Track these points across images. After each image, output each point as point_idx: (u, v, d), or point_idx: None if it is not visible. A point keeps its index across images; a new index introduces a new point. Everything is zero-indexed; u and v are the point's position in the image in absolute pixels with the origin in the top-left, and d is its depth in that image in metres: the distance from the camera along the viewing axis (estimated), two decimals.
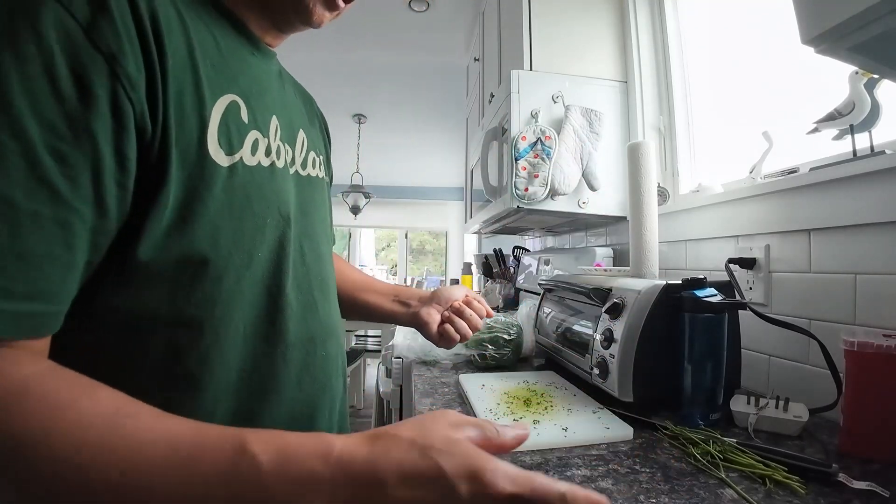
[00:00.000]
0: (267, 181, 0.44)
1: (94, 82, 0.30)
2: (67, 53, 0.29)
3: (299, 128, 0.54)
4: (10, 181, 0.26)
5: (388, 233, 10.61)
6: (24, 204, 0.27)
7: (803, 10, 0.46)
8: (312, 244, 0.52)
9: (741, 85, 1.21)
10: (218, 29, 0.44)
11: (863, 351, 0.60)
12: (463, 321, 0.70)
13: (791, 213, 0.85)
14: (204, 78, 0.38)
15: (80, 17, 0.30)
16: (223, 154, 0.40)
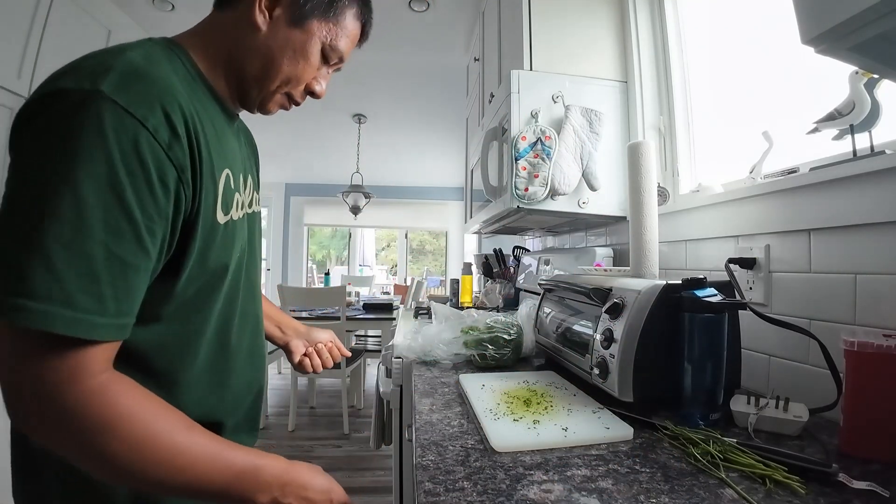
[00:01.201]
0: (240, 229, 0.60)
1: (170, 186, 0.45)
2: (156, 168, 0.44)
3: (248, 173, 0.66)
4: (125, 248, 0.42)
5: (388, 233, 10.61)
6: (131, 260, 0.43)
7: (803, 10, 0.46)
8: (255, 263, 0.69)
9: (741, 85, 1.21)
10: (211, 112, 0.56)
11: (863, 351, 0.60)
12: (318, 359, 0.89)
13: (791, 213, 0.85)
14: (214, 162, 0.52)
15: (162, 141, 0.44)
16: (222, 214, 0.54)
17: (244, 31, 0.58)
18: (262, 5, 0.56)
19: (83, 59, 0.48)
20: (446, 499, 0.50)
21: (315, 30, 0.60)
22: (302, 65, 0.60)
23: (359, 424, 3.02)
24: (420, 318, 1.88)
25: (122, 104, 0.42)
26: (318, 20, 0.60)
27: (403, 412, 1.24)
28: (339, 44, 0.63)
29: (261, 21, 0.57)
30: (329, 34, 0.61)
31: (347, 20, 0.63)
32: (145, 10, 2.33)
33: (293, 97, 0.64)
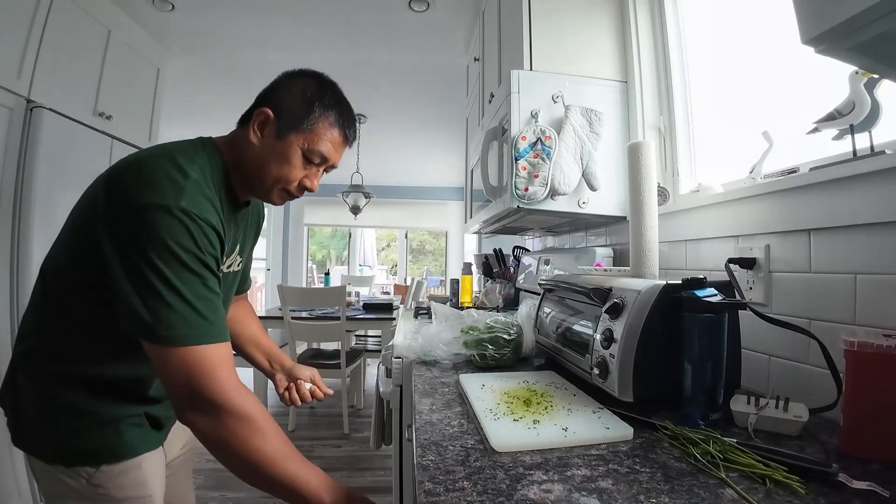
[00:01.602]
0: (228, 280, 0.87)
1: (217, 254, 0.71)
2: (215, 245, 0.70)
3: (245, 244, 0.92)
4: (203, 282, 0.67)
5: (388, 233, 10.61)
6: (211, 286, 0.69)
7: (803, 10, 0.46)
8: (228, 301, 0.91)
9: (741, 85, 1.21)
10: (228, 207, 0.79)
11: (863, 351, 0.60)
12: (296, 394, 1.05)
13: (791, 213, 0.85)
14: (226, 238, 0.75)
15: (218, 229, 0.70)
16: (223, 267, 0.79)
17: (246, 144, 0.78)
18: (255, 127, 0.77)
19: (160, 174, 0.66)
20: (446, 499, 0.50)
21: (293, 140, 0.77)
22: (287, 168, 0.78)
23: (359, 424, 3.02)
24: (420, 318, 1.87)
25: (195, 212, 0.66)
26: (295, 132, 0.77)
27: (403, 412, 1.24)
28: (318, 148, 0.79)
29: (254, 139, 0.77)
30: (306, 141, 0.78)
31: (321, 128, 0.79)
32: (145, 10, 2.33)
33: (290, 192, 0.82)
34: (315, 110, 0.78)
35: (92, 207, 0.68)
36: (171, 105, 3.25)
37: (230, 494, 2.03)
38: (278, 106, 0.77)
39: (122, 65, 2.33)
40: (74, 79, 2.04)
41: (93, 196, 0.70)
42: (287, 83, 0.80)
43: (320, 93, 0.79)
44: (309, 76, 0.82)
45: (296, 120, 0.77)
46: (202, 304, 0.65)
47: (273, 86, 0.81)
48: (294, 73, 0.82)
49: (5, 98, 1.72)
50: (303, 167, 0.80)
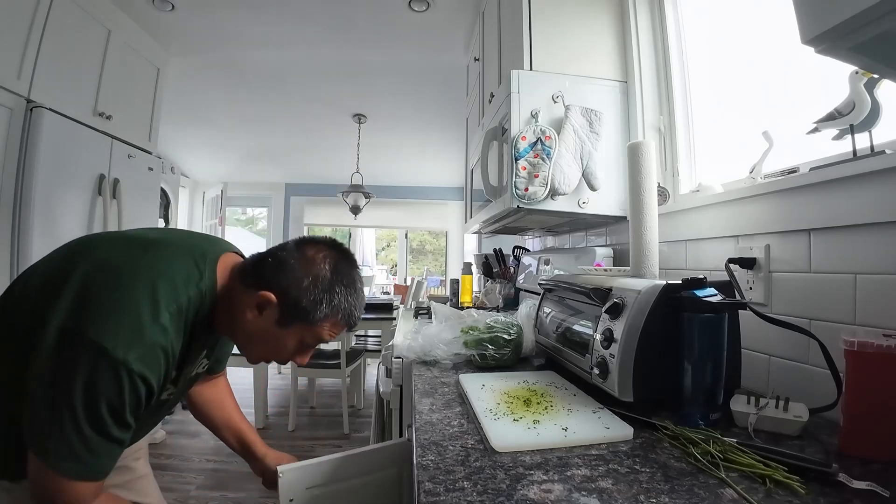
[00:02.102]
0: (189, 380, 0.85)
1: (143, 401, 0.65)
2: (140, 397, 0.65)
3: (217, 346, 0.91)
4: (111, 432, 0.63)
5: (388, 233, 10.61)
6: (116, 436, 0.64)
7: (803, 10, 0.46)
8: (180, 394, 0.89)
9: (741, 85, 1.21)
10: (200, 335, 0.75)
11: (863, 351, 0.60)
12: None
13: (791, 213, 0.85)
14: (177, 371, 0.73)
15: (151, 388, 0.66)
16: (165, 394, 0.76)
17: (243, 312, 0.74)
18: (254, 306, 0.73)
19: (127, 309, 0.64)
20: (446, 499, 0.50)
21: (295, 331, 0.75)
22: (280, 352, 0.78)
23: (359, 424, 3.02)
24: (420, 318, 1.87)
25: (137, 371, 0.62)
26: (299, 324, 0.75)
27: (403, 412, 1.24)
28: (318, 340, 0.78)
29: (251, 317, 0.74)
30: (307, 334, 0.76)
31: (328, 325, 0.77)
32: (145, 10, 2.33)
33: (269, 362, 0.84)
34: (324, 307, 0.74)
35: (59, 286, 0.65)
36: (171, 105, 3.25)
37: (230, 494, 2.03)
38: (286, 295, 0.72)
39: (122, 65, 2.33)
40: (74, 79, 2.04)
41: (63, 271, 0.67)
42: (299, 268, 0.74)
43: (333, 285, 0.75)
44: (326, 260, 0.76)
45: (302, 314, 0.73)
46: (98, 445, 0.63)
47: (282, 261, 0.74)
48: (310, 250, 0.76)
49: (5, 98, 1.72)
50: (296, 351, 0.79)
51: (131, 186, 2.35)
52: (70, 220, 1.99)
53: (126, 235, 0.77)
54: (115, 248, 0.72)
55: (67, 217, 1.98)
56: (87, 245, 0.74)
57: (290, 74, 3.14)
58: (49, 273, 0.69)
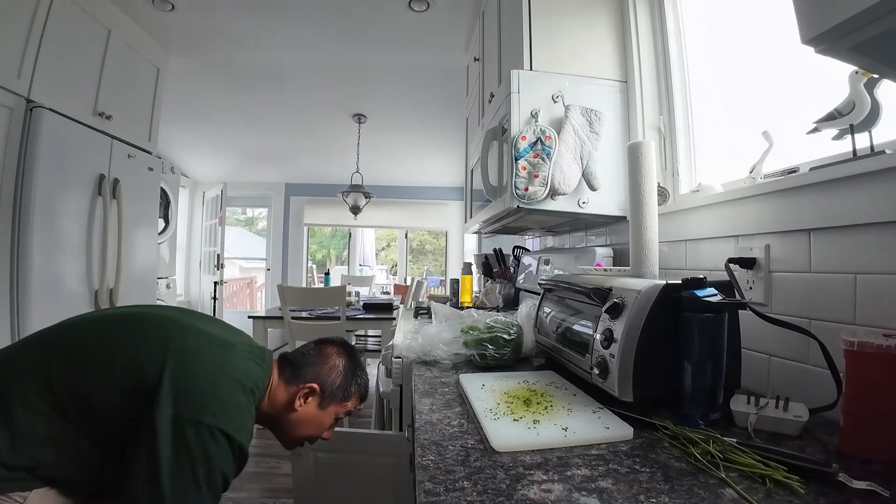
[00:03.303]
0: None
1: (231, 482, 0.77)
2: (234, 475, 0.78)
3: None
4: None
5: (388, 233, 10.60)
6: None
7: (803, 10, 0.46)
8: None
9: (741, 85, 1.21)
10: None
11: (863, 351, 0.60)
12: None
13: (791, 213, 0.85)
14: None
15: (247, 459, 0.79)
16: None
17: (289, 407, 0.92)
18: (301, 397, 0.92)
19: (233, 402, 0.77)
20: (446, 499, 0.50)
21: (332, 410, 0.97)
22: (319, 430, 0.98)
23: (359, 424, 3.02)
24: (420, 318, 1.88)
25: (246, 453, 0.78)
26: (335, 404, 0.97)
27: (403, 412, 1.24)
28: (342, 414, 0.99)
29: (298, 405, 0.92)
30: (340, 410, 0.98)
31: (353, 400, 1.00)
32: (145, 10, 2.33)
33: (308, 442, 1.01)
34: (352, 388, 0.99)
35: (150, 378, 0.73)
36: (171, 105, 3.25)
37: (230, 494, 2.03)
38: (323, 383, 0.95)
39: (122, 65, 2.33)
40: (74, 79, 2.04)
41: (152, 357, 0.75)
42: (327, 362, 0.98)
43: (353, 371, 1.00)
44: (343, 354, 1.01)
45: (336, 397, 0.96)
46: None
47: (312, 360, 0.97)
48: (329, 348, 1.01)
49: (5, 98, 1.72)
50: (329, 427, 0.99)
51: (131, 186, 2.35)
52: (70, 221, 2.00)
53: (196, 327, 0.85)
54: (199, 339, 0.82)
55: (67, 217, 1.98)
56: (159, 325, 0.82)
57: (290, 74, 3.14)
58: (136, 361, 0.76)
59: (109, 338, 0.79)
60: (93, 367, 0.75)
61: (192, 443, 0.70)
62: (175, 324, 0.84)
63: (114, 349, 0.77)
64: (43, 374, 0.73)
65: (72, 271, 2.00)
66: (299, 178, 5.52)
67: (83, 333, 0.80)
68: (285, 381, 0.93)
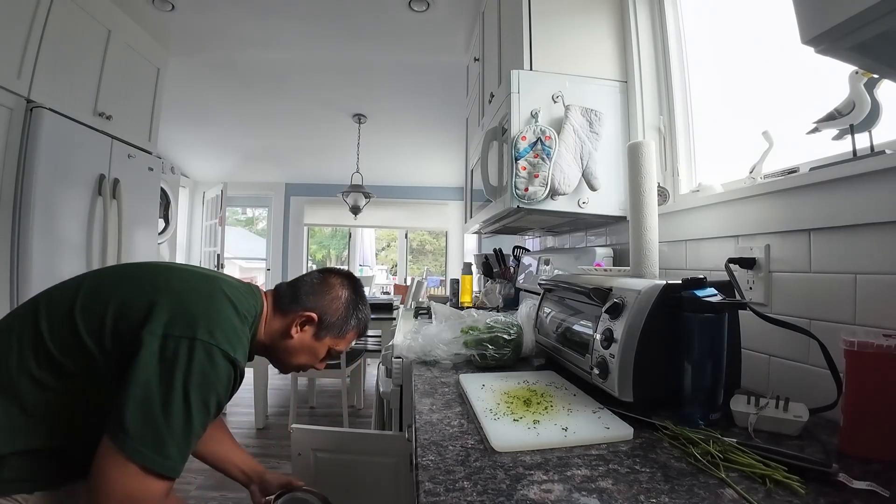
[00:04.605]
0: None
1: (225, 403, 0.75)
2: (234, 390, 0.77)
3: None
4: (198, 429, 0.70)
5: (388, 233, 10.60)
6: (200, 433, 0.70)
7: (803, 10, 0.46)
8: None
9: (741, 85, 1.21)
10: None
11: (863, 351, 0.60)
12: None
13: (791, 213, 0.85)
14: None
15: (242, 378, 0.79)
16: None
17: (284, 334, 0.91)
18: (297, 325, 0.91)
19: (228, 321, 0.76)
20: (446, 499, 0.50)
21: (327, 342, 0.95)
22: (312, 359, 0.96)
23: (359, 424, 3.02)
24: (420, 318, 1.88)
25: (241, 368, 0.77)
26: (331, 337, 0.95)
27: (403, 412, 1.24)
28: (340, 348, 0.98)
29: (294, 332, 0.91)
30: (334, 343, 0.96)
31: (350, 335, 0.98)
32: (145, 10, 2.33)
33: (302, 370, 0.99)
34: (350, 322, 0.96)
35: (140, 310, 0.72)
36: (171, 105, 3.25)
37: (230, 494, 2.03)
38: (322, 313, 0.92)
39: (122, 65, 2.33)
40: (74, 79, 2.04)
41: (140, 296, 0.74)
42: (330, 292, 0.95)
43: (355, 306, 0.97)
44: (347, 286, 0.98)
45: (334, 329, 0.94)
46: (193, 439, 0.69)
47: (315, 288, 0.95)
48: (334, 278, 0.98)
49: (5, 98, 1.72)
50: (323, 358, 0.98)
51: (131, 186, 2.35)
52: (70, 220, 2.00)
53: (182, 267, 0.87)
54: (185, 274, 0.83)
55: (67, 217, 1.98)
56: (153, 272, 0.82)
57: (290, 74, 3.14)
58: (127, 301, 0.74)
59: (104, 288, 0.77)
60: (86, 313, 0.73)
61: (183, 360, 0.67)
62: (160, 265, 0.86)
63: (108, 297, 0.75)
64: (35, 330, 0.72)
65: (72, 271, 2.00)
66: (299, 178, 5.52)
67: (67, 289, 0.78)
68: (283, 309, 0.92)
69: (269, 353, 0.93)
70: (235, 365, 0.73)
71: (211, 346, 0.70)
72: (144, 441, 0.64)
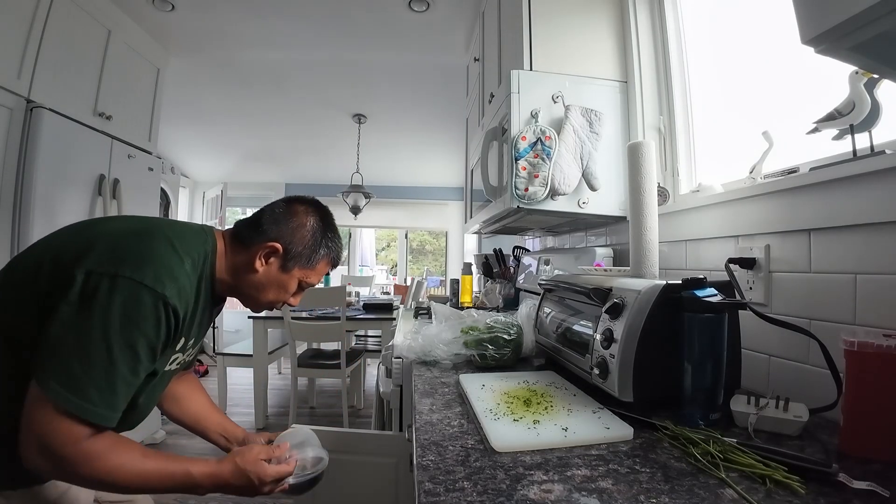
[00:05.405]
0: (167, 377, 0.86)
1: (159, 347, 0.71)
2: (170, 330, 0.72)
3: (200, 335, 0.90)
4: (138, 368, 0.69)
5: (388, 233, 10.60)
6: (139, 373, 0.70)
7: (803, 10, 0.46)
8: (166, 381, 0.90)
9: (741, 85, 1.21)
10: (204, 303, 0.82)
11: (863, 351, 0.60)
12: None
13: (791, 213, 0.85)
14: (189, 331, 0.81)
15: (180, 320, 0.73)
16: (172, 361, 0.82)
17: (248, 267, 0.85)
18: (261, 257, 0.85)
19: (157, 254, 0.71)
20: (446, 499, 0.50)
21: (296, 273, 0.89)
22: (282, 294, 0.90)
23: (359, 424, 3.02)
24: (420, 318, 1.88)
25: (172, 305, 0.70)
26: (300, 268, 0.89)
27: (403, 412, 1.24)
28: (314, 280, 0.92)
29: (259, 266, 0.85)
30: (305, 275, 0.90)
31: (321, 266, 0.92)
32: (145, 10, 2.33)
33: (275, 306, 0.94)
34: (320, 252, 0.90)
35: (75, 251, 0.68)
36: (171, 105, 3.25)
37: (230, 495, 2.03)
38: (287, 242, 0.86)
39: (122, 65, 2.34)
40: (74, 79, 2.04)
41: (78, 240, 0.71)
42: (294, 220, 0.88)
43: (323, 234, 0.91)
44: (313, 213, 0.91)
45: (302, 259, 0.88)
46: (119, 381, 0.66)
47: (277, 217, 0.87)
48: (299, 206, 0.90)
49: (5, 98, 1.72)
50: (295, 292, 0.92)
51: (131, 186, 2.35)
52: (70, 221, 1.97)
53: (131, 216, 0.85)
54: (128, 220, 0.80)
55: (67, 217, 1.98)
56: (97, 222, 0.79)
57: (290, 74, 3.14)
58: (64, 246, 0.71)
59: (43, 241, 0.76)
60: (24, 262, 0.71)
61: (103, 297, 0.63)
62: (95, 219, 0.82)
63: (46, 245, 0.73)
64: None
65: None
66: (299, 178, 5.52)
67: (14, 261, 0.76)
68: (244, 242, 0.85)
69: (236, 291, 0.87)
70: (165, 302, 0.67)
71: (135, 282, 0.65)
72: (61, 380, 0.61)
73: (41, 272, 0.68)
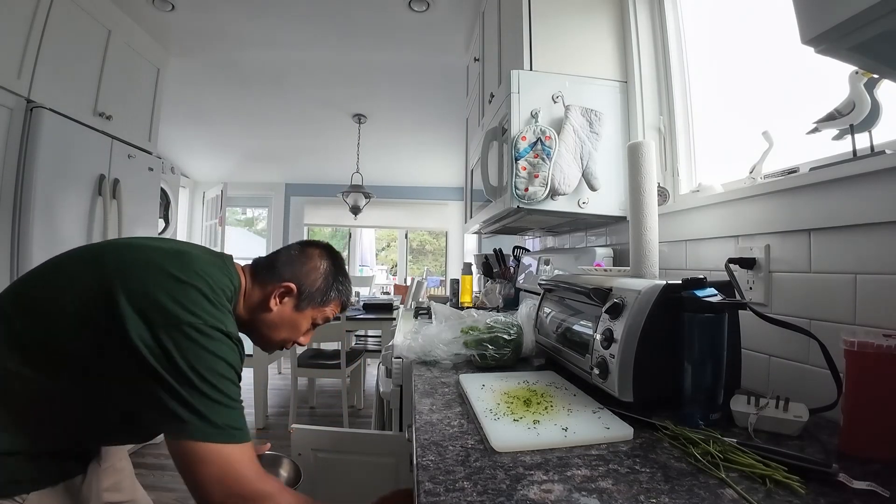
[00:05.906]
0: None
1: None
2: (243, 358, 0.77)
3: None
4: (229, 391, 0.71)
5: (388, 233, 10.59)
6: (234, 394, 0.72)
7: (803, 10, 0.46)
8: None
9: (741, 85, 1.21)
10: None
11: (863, 351, 0.60)
12: None
13: (791, 213, 0.85)
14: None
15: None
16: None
17: (263, 306, 0.88)
18: (276, 297, 0.88)
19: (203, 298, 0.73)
20: (446, 499, 0.50)
21: (309, 314, 0.92)
22: (294, 333, 0.93)
23: (359, 424, 3.02)
24: (420, 318, 1.88)
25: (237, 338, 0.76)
26: (312, 308, 0.92)
27: (403, 412, 1.24)
28: (324, 320, 0.96)
29: (273, 305, 0.88)
30: (317, 315, 0.94)
31: (333, 306, 0.96)
32: (145, 10, 2.33)
33: (285, 346, 0.96)
34: (331, 293, 0.94)
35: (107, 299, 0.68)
36: (171, 105, 3.25)
37: None
38: (301, 283, 0.90)
39: (122, 65, 2.34)
40: (74, 79, 2.05)
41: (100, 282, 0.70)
42: (308, 263, 0.92)
43: (335, 276, 0.94)
44: (326, 257, 0.95)
45: (314, 300, 0.92)
46: (241, 410, 0.71)
47: (293, 259, 0.92)
48: (313, 249, 0.95)
49: (5, 98, 1.72)
50: (306, 331, 0.96)
51: (131, 187, 2.35)
52: (70, 221, 2.00)
53: (148, 244, 0.80)
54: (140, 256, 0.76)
55: (67, 217, 1.98)
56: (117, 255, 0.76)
57: (290, 74, 3.14)
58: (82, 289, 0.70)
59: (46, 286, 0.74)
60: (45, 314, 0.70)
61: (185, 344, 0.66)
62: (105, 247, 0.79)
63: (54, 295, 0.72)
64: (11, 330, 0.69)
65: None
66: (299, 178, 5.52)
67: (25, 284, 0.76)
68: (261, 282, 0.89)
69: (249, 328, 0.90)
70: (233, 336, 0.73)
71: (205, 325, 0.69)
72: (203, 422, 0.65)
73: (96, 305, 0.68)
